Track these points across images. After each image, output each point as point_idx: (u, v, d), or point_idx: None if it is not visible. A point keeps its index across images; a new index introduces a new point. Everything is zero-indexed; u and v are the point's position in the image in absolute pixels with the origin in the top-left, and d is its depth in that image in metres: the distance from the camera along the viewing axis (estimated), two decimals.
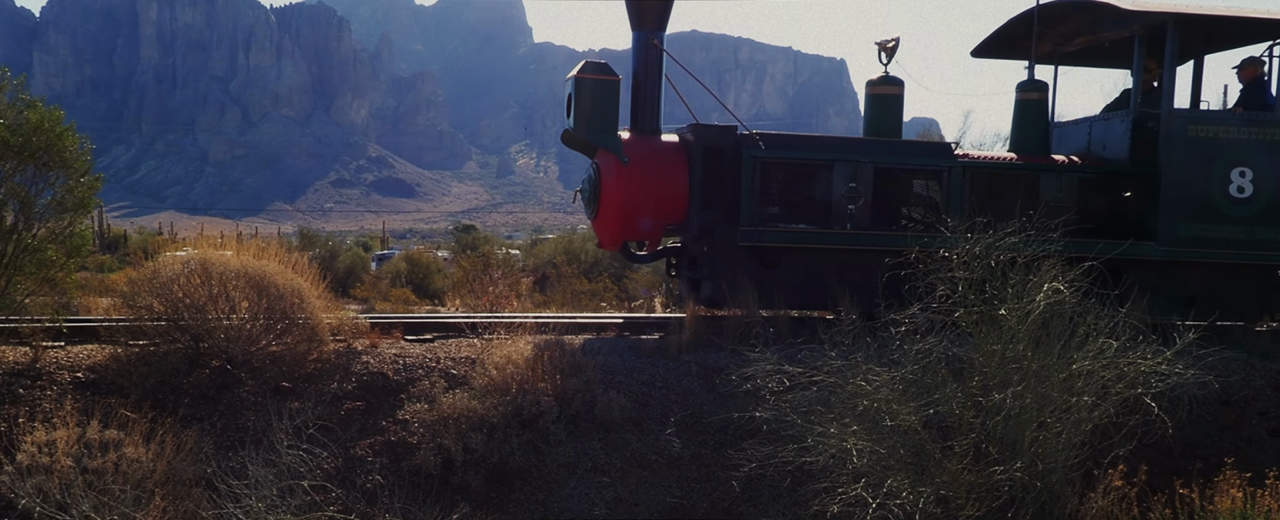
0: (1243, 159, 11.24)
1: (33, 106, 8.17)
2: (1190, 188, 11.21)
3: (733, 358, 8.79)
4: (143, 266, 8.85)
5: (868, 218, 10.95)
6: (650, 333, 10.42)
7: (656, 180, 10.76)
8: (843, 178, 10.87)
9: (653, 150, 10.91)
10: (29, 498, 6.14)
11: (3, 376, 7.76)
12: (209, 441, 7.42)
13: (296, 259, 9.51)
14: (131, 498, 6.18)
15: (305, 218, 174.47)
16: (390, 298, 20.34)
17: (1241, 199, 11.28)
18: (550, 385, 8.19)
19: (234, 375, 8.05)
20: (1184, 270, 11.42)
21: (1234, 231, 11.25)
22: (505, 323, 9.54)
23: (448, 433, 7.73)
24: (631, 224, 10.96)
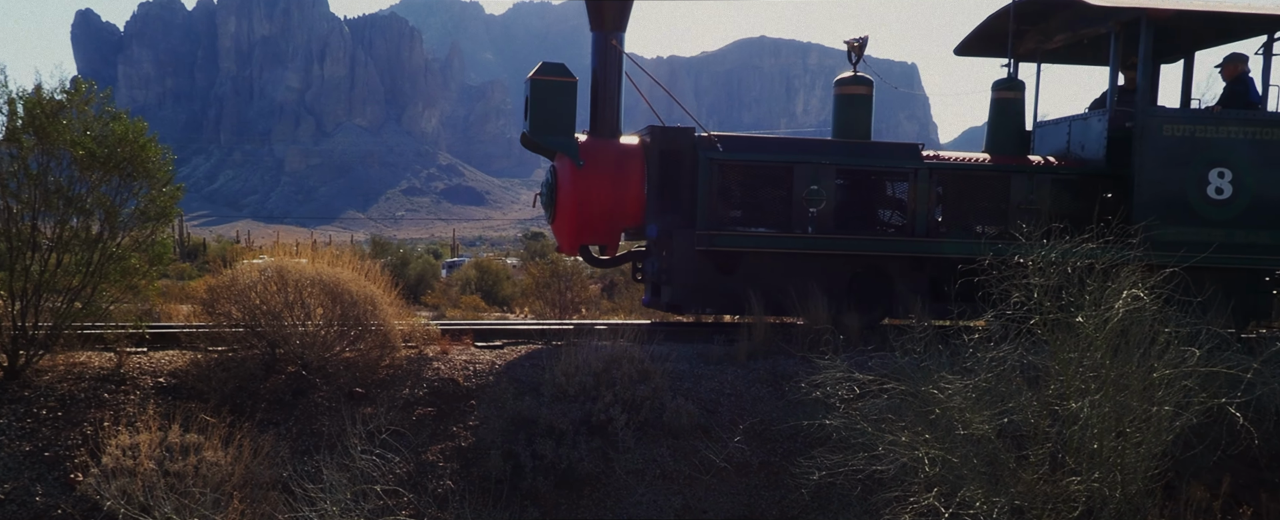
0: (1221, 159, 10.86)
1: (118, 119, 8.39)
2: (1165, 189, 10.84)
3: (801, 364, 8.74)
4: (221, 274, 9.04)
5: (830, 221, 10.72)
6: (718, 340, 10.41)
7: (612, 183, 10.64)
8: (804, 180, 10.64)
9: (608, 152, 10.77)
10: (114, 499, 6.29)
11: (89, 381, 7.98)
12: (285, 446, 7.55)
13: (369, 266, 9.66)
14: (211, 500, 6.31)
15: (377, 225, 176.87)
16: (460, 304, 20.55)
17: (1220, 200, 10.90)
18: (619, 392, 8.21)
19: (309, 381, 8.19)
20: (1167, 275, 11.28)
21: (1212, 234, 10.80)
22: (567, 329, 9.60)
23: (517, 439, 7.78)
24: (587, 227, 10.83)
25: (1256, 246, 11.00)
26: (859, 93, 11.70)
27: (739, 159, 10.65)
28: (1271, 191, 10.94)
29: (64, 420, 7.54)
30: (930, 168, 10.97)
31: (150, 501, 6.15)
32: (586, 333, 9.40)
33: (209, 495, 6.37)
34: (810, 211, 10.62)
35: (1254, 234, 10.95)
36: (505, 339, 10.22)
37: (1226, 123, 10.97)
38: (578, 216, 10.67)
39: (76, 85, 8.48)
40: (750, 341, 9.68)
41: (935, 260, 11.07)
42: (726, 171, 10.65)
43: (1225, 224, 10.89)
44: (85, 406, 7.70)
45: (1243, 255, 10.92)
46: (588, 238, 11.04)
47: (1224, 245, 10.79)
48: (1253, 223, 10.91)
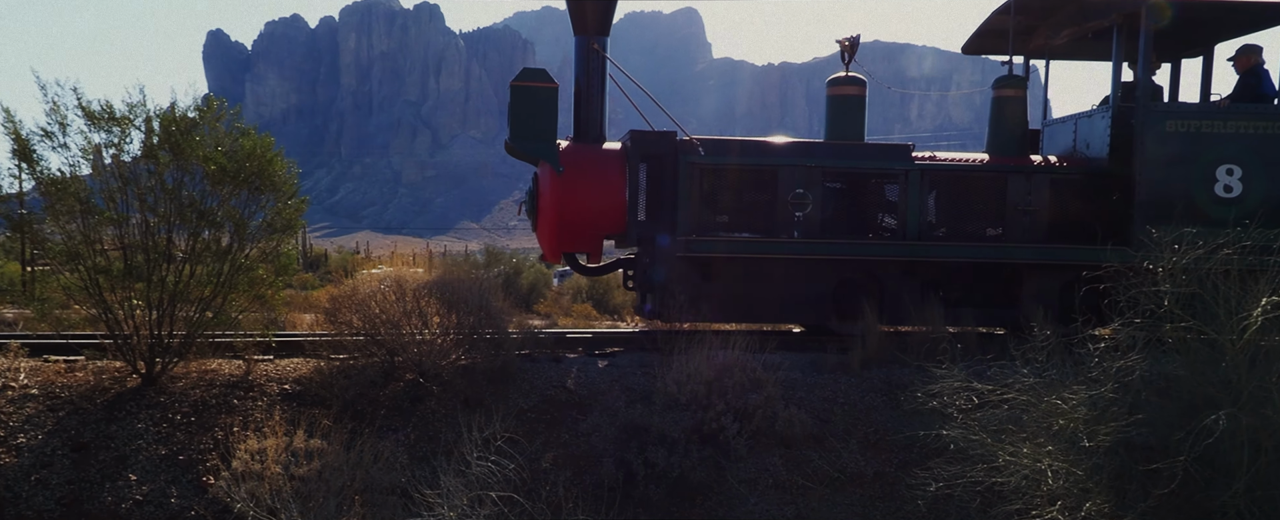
0: (1230, 155, 10.29)
1: (246, 134, 8.70)
2: (1169, 187, 10.30)
3: (918, 374, 8.60)
4: (342, 284, 9.29)
5: (818, 226, 10.43)
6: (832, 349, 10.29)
7: (593, 189, 10.44)
8: (789, 184, 10.35)
9: (589, 158, 10.57)
10: (243, 502, 6.51)
11: (220, 388, 8.28)
12: (403, 452, 7.71)
13: (483, 275, 9.82)
14: (334, 504, 6.50)
15: (491, 235, 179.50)
16: (572, 313, 20.71)
17: (1229, 199, 10.31)
18: (731, 401, 8.19)
19: (426, 388, 8.36)
20: None
21: (1220, 235, 10.41)
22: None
23: (630, 446, 7.82)
24: (568, 234, 10.62)
25: (1270, 248, 10.37)
26: (851, 93, 11.39)
27: (721, 163, 10.44)
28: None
29: (196, 425, 7.84)
30: (922, 169, 10.67)
31: (277, 504, 6.36)
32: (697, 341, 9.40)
33: (332, 499, 6.56)
34: (796, 216, 10.39)
35: (1267, 234, 10.14)
36: (617, 347, 10.27)
37: (1235, 117, 10.40)
38: (558, 223, 10.48)
39: (208, 103, 8.82)
40: (864, 350, 9.56)
41: (928, 265, 10.79)
42: (708, 176, 10.46)
43: (1235, 223, 10.40)
44: (216, 412, 8.00)
45: (1255, 257, 10.48)
46: (570, 245, 10.87)
47: (1233, 246, 10.46)
48: (1264, 221, 10.12)
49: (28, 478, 7.19)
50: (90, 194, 8.34)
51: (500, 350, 8.65)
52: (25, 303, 8.64)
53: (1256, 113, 10.44)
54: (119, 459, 7.45)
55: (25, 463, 7.29)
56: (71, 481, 7.22)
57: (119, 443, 7.58)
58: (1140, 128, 10.38)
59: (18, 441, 7.45)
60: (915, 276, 10.76)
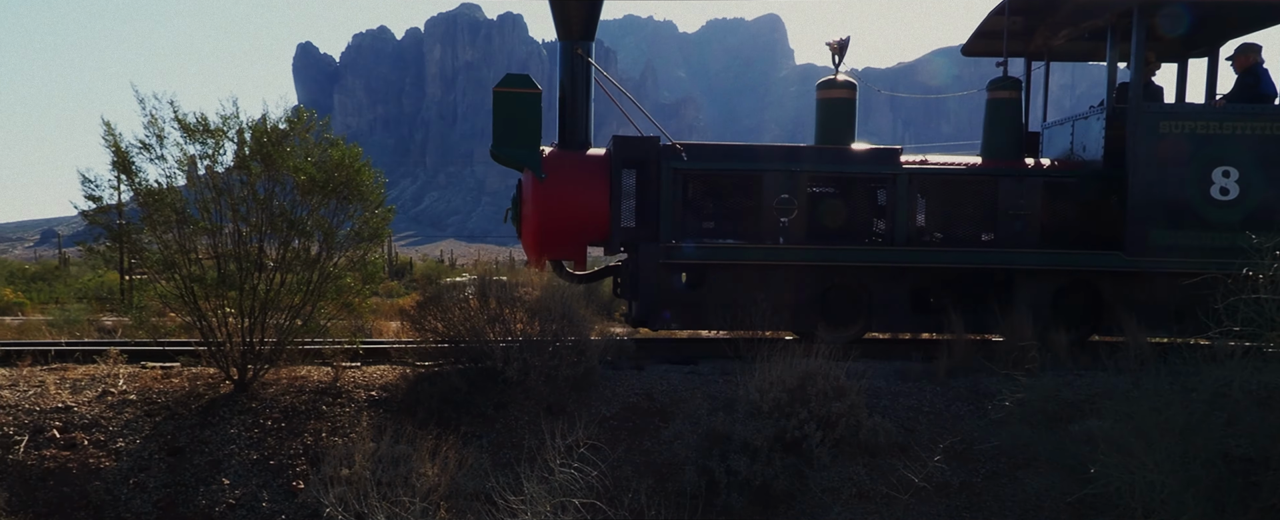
0: (1226, 156, 9.94)
1: (335, 145, 8.87)
2: (1163, 190, 10.01)
3: (1006, 382, 8.44)
4: (428, 292, 9.41)
5: (803, 231, 10.22)
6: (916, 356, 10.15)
7: (575, 195, 10.30)
8: (774, 189, 10.14)
9: (572, 164, 10.44)
10: (332, 506, 6.63)
11: (309, 394, 8.45)
12: (487, 458, 7.79)
13: (565, 283, 9.87)
14: (420, 509, 6.57)
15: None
16: None
17: (1225, 201, 9.97)
18: (814, 409, 8.11)
19: (509, 395, 8.43)
20: (1168, 282, 10.05)
21: (1217, 238, 9.94)
22: None
23: (712, 454, 7.79)
24: (551, 241, 10.49)
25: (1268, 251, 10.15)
26: (840, 96, 11.19)
27: (705, 168, 10.30)
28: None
29: (286, 431, 8.01)
30: (910, 173, 10.45)
31: (365, 509, 6.46)
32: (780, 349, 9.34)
33: (418, 504, 6.64)
34: (782, 221, 10.20)
35: (1265, 237, 10.11)
36: (699, 354, 10.25)
37: (1232, 118, 10.05)
38: (541, 230, 10.38)
39: (298, 114, 9.00)
40: (950, 358, 9.41)
41: (917, 271, 10.55)
42: (692, 181, 10.35)
43: (1232, 226, 9.95)
44: (305, 418, 8.16)
45: (1251, 261, 10.08)
46: (553, 252, 10.77)
47: (1231, 250, 10.05)
48: (1262, 225, 9.70)
49: (126, 481, 7.41)
50: (185, 204, 8.57)
51: (582, 357, 8.68)
52: (124, 311, 8.90)
53: (1253, 113, 10.12)
54: (212, 463, 7.64)
55: (124, 466, 7.52)
56: (167, 485, 7.42)
57: (212, 447, 7.78)
58: (1133, 129, 10.13)
59: (117, 445, 7.69)
60: (904, 282, 10.58)
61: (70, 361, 9.23)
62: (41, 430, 7.73)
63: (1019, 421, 8.02)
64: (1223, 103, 10.51)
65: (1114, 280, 10.40)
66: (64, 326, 17.07)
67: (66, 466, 7.46)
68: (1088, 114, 10.99)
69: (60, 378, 8.63)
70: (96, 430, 7.80)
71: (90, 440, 7.72)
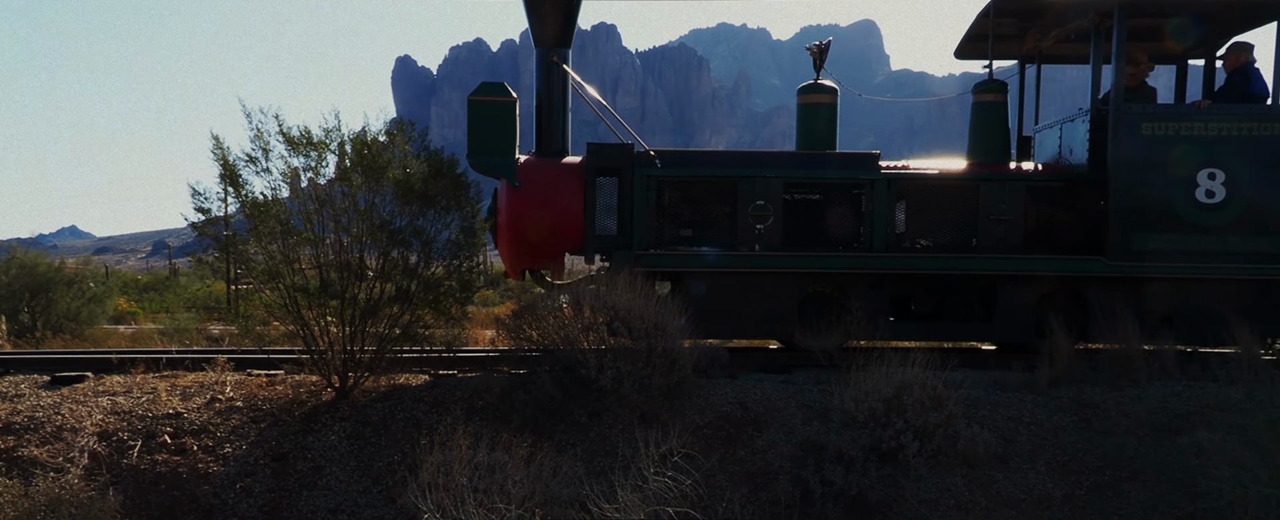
0: (1212, 159, 9.60)
1: (433, 156, 9.03)
2: (1146, 193, 9.69)
3: (1111, 393, 8.22)
4: (522, 300, 9.50)
5: (779, 238, 9.96)
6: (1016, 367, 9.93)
7: (549, 204, 10.18)
8: (749, 196, 9.93)
9: (545, 172, 10.34)
10: (430, 512, 6.73)
11: (407, 402, 8.61)
12: (581, 466, 7.83)
13: (658, 292, 9.88)
14: (515, 516, 6.64)
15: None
16: None
17: (1211, 204, 9.63)
18: (910, 419, 7.99)
19: (604, 403, 8.48)
20: (1156, 287, 9.82)
21: (1203, 242, 9.62)
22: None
23: (806, 464, 7.73)
24: (526, 250, 10.39)
25: (1256, 254, 9.67)
26: (821, 101, 10.98)
27: (678, 175, 10.13)
28: (1270, 193, 9.75)
29: (385, 437, 8.17)
30: (889, 178, 10.20)
31: (462, 516, 6.55)
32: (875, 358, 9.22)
33: (514, 512, 6.70)
34: (757, 228, 10.01)
35: (1253, 240, 9.64)
36: (792, 363, 10.17)
37: (1217, 119, 9.71)
38: (515, 239, 10.32)
39: (398, 126, 9.19)
40: (1052, 368, 9.19)
41: (896, 277, 10.29)
42: (665, 188, 10.18)
43: (1219, 230, 9.65)
44: (403, 425, 8.31)
45: (1239, 264, 9.66)
46: (528, 261, 10.68)
47: (1218, 254, 9.66)
48: (1250, 228, 9.70)
49: (233, 485, 7.64)
50: (289, 215, 8.80)
51: (676, 366, 8.69)
52: (231, 319, 9.17)
53: (1240, 113, 9.78)
54: (315, 469, 7.83)
55: (231, 471, 7.74)
56: (272, 490, 7.63)
57: (315, 453, 7.97)
58: (1114, 131, 9.85)
59: (224, 451, 7.92)
60: (884, 290, 10.35)
61: (180, 369, 9.54)
62: (153, 435, 8.00)
63: (1125, 433, 7.80)
64: (1208, 103, 10.22)
65: (1099, 286, 10.17)
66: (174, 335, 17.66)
67: (177, 471, 7.72)
68: (1074, 116, 10.73)
69: (171, 384, 8.93)
70: (205, 436, 8.05)
71: (199, 445, 7.97)
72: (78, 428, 8.00)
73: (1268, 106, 9.92)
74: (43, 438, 7.88)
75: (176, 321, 21.59)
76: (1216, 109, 9.91)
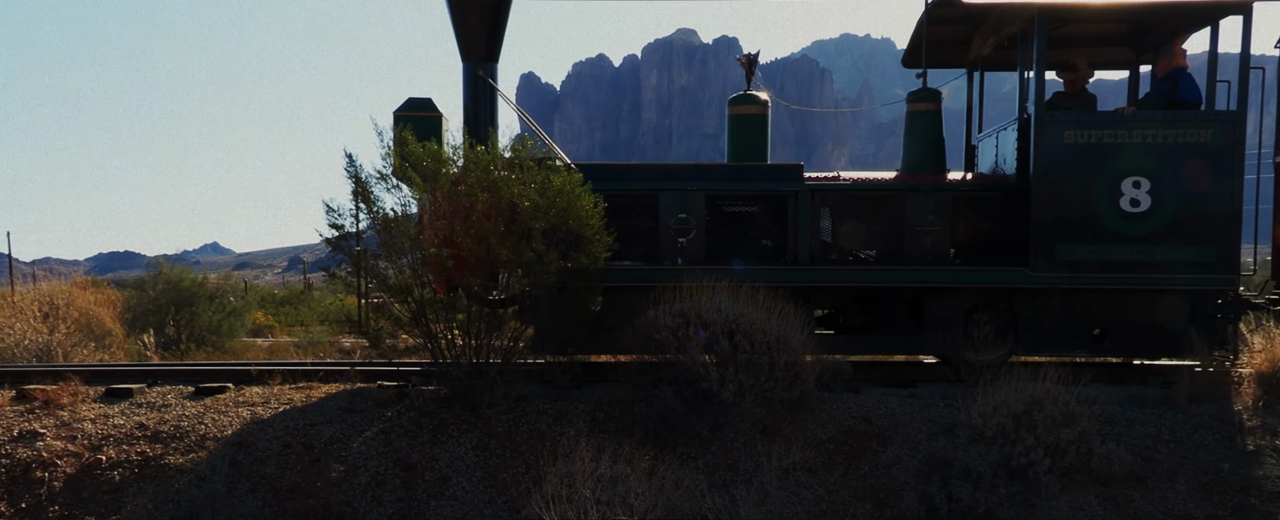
0: (1137, 167, 9.45)
1: (556, 171, 9.15)
2: (1069, 203, 9.54)
3: (1261, 411, 7.86)
4: (642, 314, 9.55)
5: (702, 251, 9.74)
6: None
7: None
8: (671, 209, 9.75)
9: None
10: None
11: (532, 414, 8.73)
12: (703, 479, 7.84)
13: (779, 305, 9.83)
14: None
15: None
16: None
17: (1136, 213, 9.47)
18: (1041, 435, 7.77)
19: (725, 417, 8.46)
20: (1085, 299, 9.51)
21: (1128, 252, 9.31)
22: None
23: (932, 480, 7.59)
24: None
25: (1184, 264, 9.31)
26: (751, 112, 10.75)
27: (599, 189, 9.75)
28: (1196, 202, 9.47)
29: (510, 449, 8.30)
30: (812, 190, 9.97)
31: None
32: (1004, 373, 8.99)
33: None
34: (680, 241, 9.86)
35: (1180, 250, 9.32)
36: (917, 377, 9.99)
37: (1141, 125, 9.38)
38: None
39: (523, 142, 9.34)
40: (1192, 384, 8.84)
41: (820, 291, 10.05)
42: None
43: (1144, 239, 9.32)
44: (527, 437, 8.43)
45: (1166, 275, 9.32)
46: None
47: (1144, 264, 9.31)
48: (1176, 237, 9.43)
49: (365, 494, 7.86)
50: (419, 231, 9.01)
51: (797, 380, 8.63)
52: (361, 332, 9.46)
53: (1164, 120, 9.46)
54: (442, 479, 8.00)
55: (362, 481, 7.97)
56: (401, 499, 7.82)
57: (442, 464, 8.15)
58: (1036, 139, 9.55)
59: (355, 461, 8.16)
60: (810, 303, 10.07)
61: (314, 380, 9.86)
62: (290, 446, 8.29)
63: (1272, 453, 7.45)
64: (1132, 110, 9.87)
65: (1027, 298, 9.85)
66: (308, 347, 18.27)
67: (311, 480, 7.98)
68: (1008, 125, 10.42)
69: (306, 395, 9.24)
70: (337, 445, 8.30)
71: (332, 455, 8.22)
72: (219, 437, 8.34)
73: (1191, 113, 9.62)
74: (187, 446, 8.24)
75: (310, 335, 22.36)
76: (1140, 115, 9.66)
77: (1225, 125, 9.46)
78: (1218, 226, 9.48)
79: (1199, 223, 9.48)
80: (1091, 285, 9.63)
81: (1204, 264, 9.49)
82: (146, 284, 23.12)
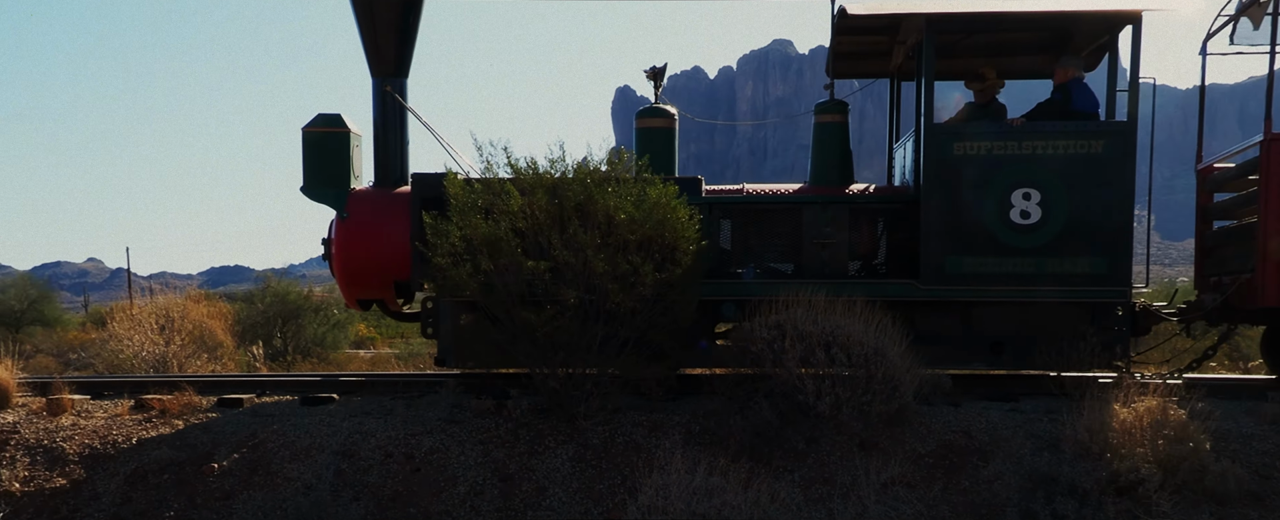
0: (1027, 178, 9.31)
1: (652, 184, 9.19)
2: (959, 215, 9.42)
3: None
4: (737, 328, 9.55)
5: None
6: None
7: (377, 234, 10.20)
8: None
9: (374, 203, 10.37)
10: None
11: (627, 425, 8.77)
12: (799, 492, 7.78)
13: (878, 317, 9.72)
14: None
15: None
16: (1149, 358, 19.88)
17: (1027, 225, 9.32)
18: (1150, 451, 7.54)
19: (821, 430, 8.39)
20: (981, 311, 9.27)
21: (1019, 265, 9.30)
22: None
23: (1036, 497, 7.43)
24: (357, 280, 10.39)
25: (1076, 276, 9.24)
26: (658, 126, 10.68)
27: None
28: (1088, 213, 9.32)
29: (605, 460, 8.34)
30: (710, 203, 9.84)
31: None
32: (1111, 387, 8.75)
33: None
34: None
35: (1072, 262, 9.12)
36: (1021, 391, 9.78)
37: (1030, 137, 9.25)
38: (345, 269, 10.42)
39: (619, 155, 9.41)
40: None
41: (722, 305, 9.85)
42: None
43: (1035, 252, 9.10)
44: (623, 449, 8.47)
45: (1060, 287, 9.09)
46: (360, 291, 10.70)
47: (1036, 276, 9.11)
48: (1067, 249, 9.28)
49: (464, 504, 7.97)
50: (517, 245, 9.11)
51: (896, 393, 8.52)
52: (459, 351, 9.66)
53: (1054, 131, 9.27)
54: (539, 489, 8.08)
55: (461, 490, 8.09)
56: (499, 509, 7.92)
57: (539, 475, 8.23)
58: (925, 151, 9.39)
59: (455, 470, 8.28)
60: (704, 315, 9.81)
61: (414, 391, 10.04)
62: (391, 455, 8.45)
63: None
64: (1021, 121, 9.64)
65: (924, 311, 9.59)
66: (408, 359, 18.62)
67: (412, 488, 8.12)
68: (908, 137, 10.24)
69: (406, 406, 9.42)
70: (437, 455, 8.44)
71: (432, 465, 8.36)
72: (325, 446, 8.54)
73: (1080, 124, 9.40)
74: (294, 455, 8.46)
75: (411, 346, 22.78)
76: (1030, 127, 9.48)
77: (1116, 137, 9.36)
78: (1109, 238, 9.37)
79: (1090, 235, 9.37)
80: (982, 298, 9.54)
81: (1096, 276, 9.38)
82: (255, 297, 23.88)
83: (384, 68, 10.72)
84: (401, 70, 10.83)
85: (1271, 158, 9.34)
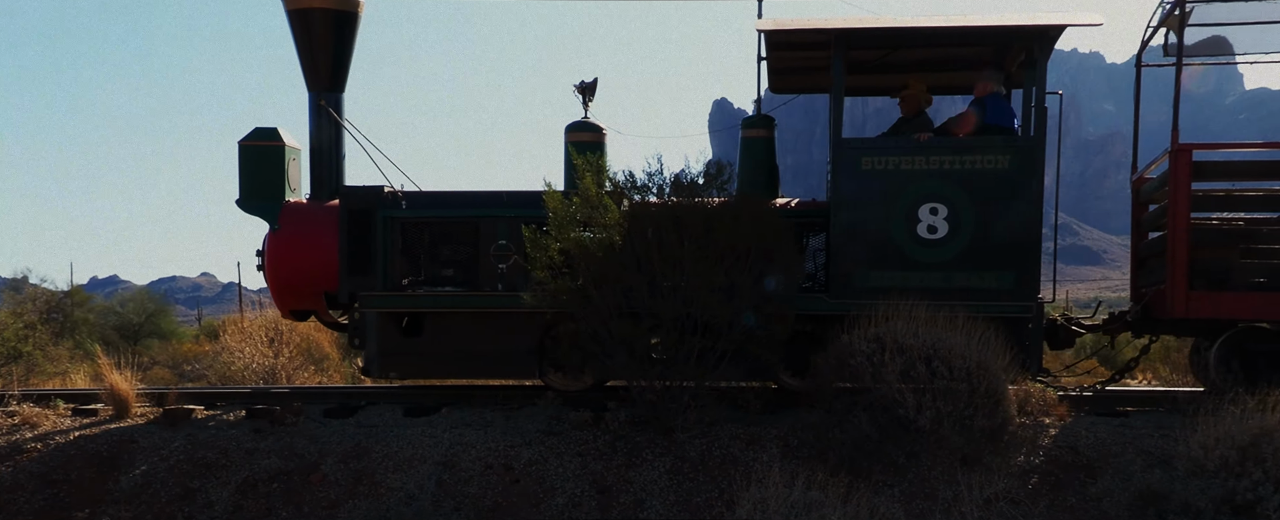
0: (934, 193, 9.29)
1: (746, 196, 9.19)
2: (867, 230, 9.43)
3: None
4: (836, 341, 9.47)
5: (523, 277, 9.43)
6: None
7: (306, 246, 10.26)
8: (491, 235, 9.65)
9: (304, 216, 10.42)
10: None
11: (723, 439, 8.76)
12: (899, 507, 7.68)
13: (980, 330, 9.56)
14: None
15: None
16: (1076, 370, 19.48)
17: (934, 240, 9.33)
18: (1270, 470, 7.27)
19: (921, 444, 8.27)
20: (893, 327, 8.52)
21: (927, 279, 9.32)
22: None
23: (1146, 514, 7.22)
24: (288, 292, 10.49)
25: (982, 291, 9.28)
26: (586, 140, 10.45)
27: (422, 216, 10.00)
28: (993, 228, 9.31)
29: (702, 473, 8.35)
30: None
31: None
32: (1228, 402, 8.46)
33: None
34: (500, 268, 9.76)
35: (979, 276, 9.29)
36: (1130, 406, 9.52)
37: (937, 152, 9.33)
38: (277, 281, 10.52)
39: (717, 168, 9.47)
40: None
41: None
42: (410, 230, 10.06)
43: (943, 266, 9.31)
44: (720, 462, 8.46)
45: (967, 301, 9.05)
46: (293, 302, 10.81)
47: (944, 290, 9.22)
48: (974, 263, 9.30)
49: (562, 515, 8.05)
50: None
51: (998, 407, 8.36)
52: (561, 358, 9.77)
53: (959, 146, 9.39)
54: (636, 502, 8.11)
55: (560, 502, 8.17)
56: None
57: (637, 487, 8.26)
58: (834, 166, 9.36)
59: (553, 482, 8.37)
60: (641, 325, 9.38)
61: (514, 402, 10.17)
62: (491, 466, 8.57)
63: None
64: (928, 136, 9.42)
65: (834, 324, 9.20)
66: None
67: (512, 500, 8.23)
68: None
69: (506, 418, 9.54)
70: (536, 466, 8.54)
71: (531, 476, 8.46)
72: (427, 457, 8.70)
73: (987, 139, 9.31)
74: (397, 465, 8.63)
75: None
76: (936, 142, 9.40)
77: (1022, 152, 9.31)
78: (1016, 253, 9.36)
79: (997, 249, 9.36)
80: (891, 313, 9.28)
81: (1003, 290, 9.33)
82: None
83: (319, 82, 10.87)
84: (337, 85, 10.97)
85: (1178, 169, 9.45)
